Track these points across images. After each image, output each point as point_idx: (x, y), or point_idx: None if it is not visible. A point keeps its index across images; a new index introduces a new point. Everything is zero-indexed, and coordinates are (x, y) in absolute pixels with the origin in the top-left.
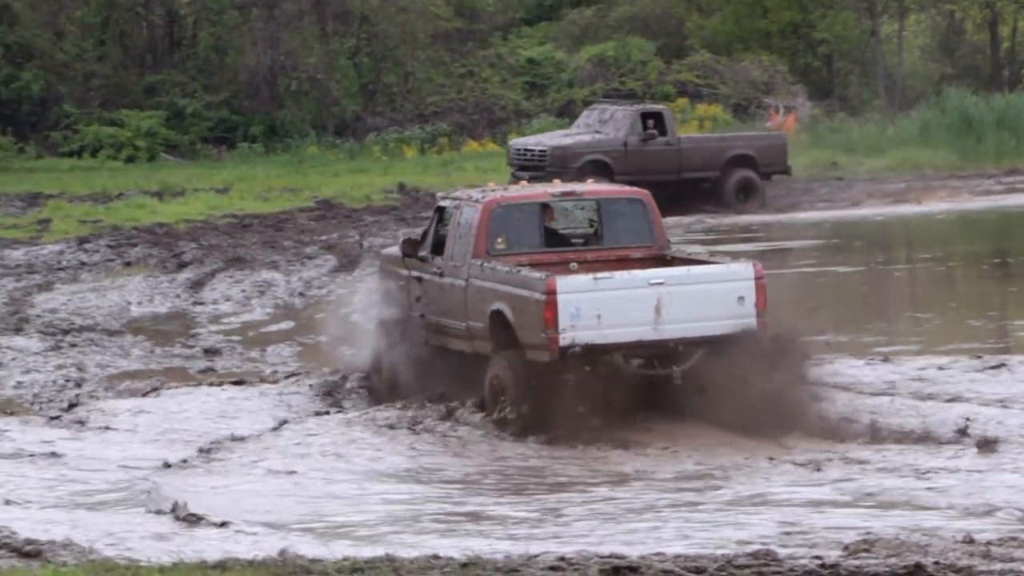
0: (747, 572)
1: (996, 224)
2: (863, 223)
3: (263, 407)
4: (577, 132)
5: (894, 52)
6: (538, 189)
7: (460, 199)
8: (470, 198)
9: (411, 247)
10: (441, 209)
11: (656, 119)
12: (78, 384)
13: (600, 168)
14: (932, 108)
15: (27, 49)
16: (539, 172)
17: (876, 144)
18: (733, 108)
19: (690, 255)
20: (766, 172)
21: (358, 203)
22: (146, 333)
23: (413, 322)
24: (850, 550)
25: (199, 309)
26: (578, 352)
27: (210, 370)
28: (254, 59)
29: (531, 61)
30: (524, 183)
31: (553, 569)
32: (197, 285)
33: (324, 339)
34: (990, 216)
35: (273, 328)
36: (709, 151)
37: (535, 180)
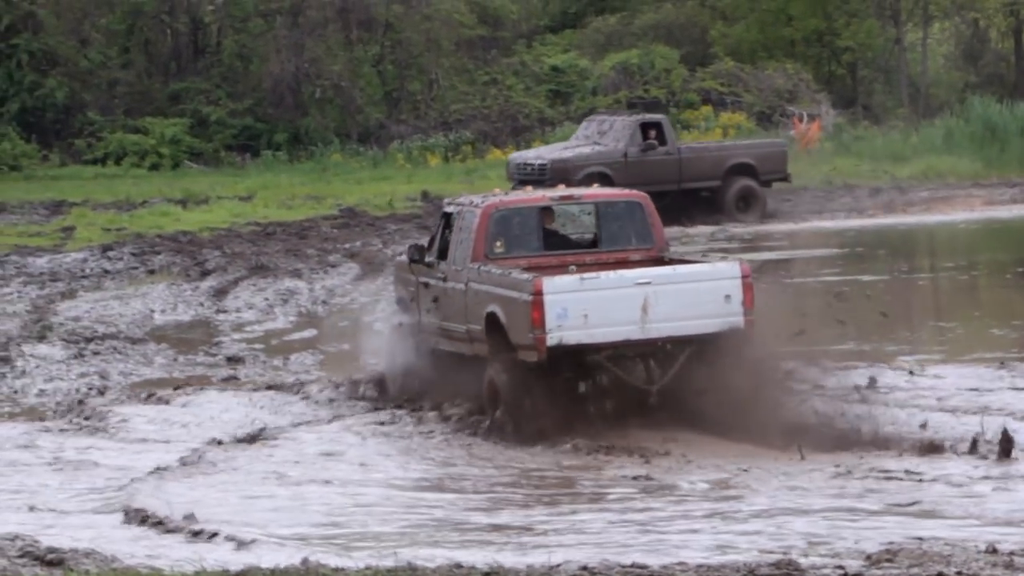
0: None
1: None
2: (887, 231)
3: (284, 413)
4: (577, 144)
5: (918, 60)
6: (537, 193)
7: (463, 204)
8: (471, 203)
9: (418, 253)
10: (447, 215)
11: (656, 129)
12: (101, 392)
13: (601, 180)
14: (956, 116)
15: (51, 56)
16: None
17: (900, 152)
18: (757, 116)
19: (684, 257)
20: (766, 180)
21: (381, 211)
22: (169, 341)
23: (422, 327)
24: (872, 560)
25: (222, 317)
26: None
27: (233, 378)
28: (278, 67)
29: (555, 69)
30: (529, 188)
31: None
32: (220, 293)
33: (347, 347)
34: (1015, 225)
35: (296, 336)
36: (709, 160)
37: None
